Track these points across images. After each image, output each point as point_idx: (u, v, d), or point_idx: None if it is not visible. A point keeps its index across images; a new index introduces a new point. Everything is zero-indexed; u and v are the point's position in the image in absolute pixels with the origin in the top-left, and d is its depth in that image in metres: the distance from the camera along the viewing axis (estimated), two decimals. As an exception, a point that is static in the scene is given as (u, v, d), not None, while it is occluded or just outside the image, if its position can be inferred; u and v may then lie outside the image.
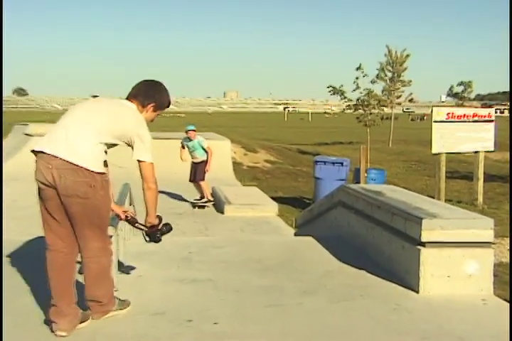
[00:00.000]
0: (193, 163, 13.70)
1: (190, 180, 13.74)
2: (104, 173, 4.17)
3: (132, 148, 4.31)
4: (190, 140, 13.56)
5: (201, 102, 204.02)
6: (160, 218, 4.71)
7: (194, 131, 13.70)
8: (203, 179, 13.51)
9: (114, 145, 4.32)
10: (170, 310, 4.72)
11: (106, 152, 4.24)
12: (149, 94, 4.52)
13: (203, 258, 6.45)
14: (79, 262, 4.39)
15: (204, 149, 13.59)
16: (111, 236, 4.58)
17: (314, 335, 4.34)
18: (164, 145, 16.88)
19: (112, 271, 4.57)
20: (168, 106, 4.73)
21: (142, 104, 4.49)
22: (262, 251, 6.87)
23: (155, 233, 4.69)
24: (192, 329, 4.35)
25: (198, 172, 13.52)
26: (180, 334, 4.27)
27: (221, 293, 5.21)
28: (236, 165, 21.27)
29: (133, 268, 5.79)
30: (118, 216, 4.87)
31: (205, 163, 13.53)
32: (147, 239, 4.74)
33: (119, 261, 5.34)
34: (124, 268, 5.65)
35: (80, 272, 4.41)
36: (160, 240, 4.74)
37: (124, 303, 4.62)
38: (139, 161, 4.33)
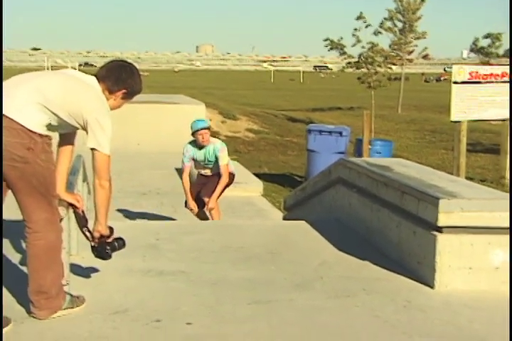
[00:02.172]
0: (201, 175, 9.94)
1: (194, 201, 9.72)
2: (47, 136, 4.18)
3: (87, 132, 4.32)
4: (201, 147, 9.55)
5: (168, 58, 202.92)
6: (112, 229, 4.70)
7: (208, 129, 9.71)
8: (216, 199, 9.41)
9: (62, 124, 4.32)
10: (133, 307, 4.73)
11: (52, 126, 4.25)
12: (121, 79, 4.56)
13: (172, 246, 6.47)
14: None
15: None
16: (61, 220, 4.56)
17: (307, 337, 4.38)
18: (122, 110, 16.85)
19: (61, 254, 4.52)
20: (138, 93, 4.76)
21: (111, 88, 4.53)
22: (243, 238, 6.90)
23: (104, 246, 4.66)
24: (160, 331, 4.38)
25: (208, 187, 9.59)
26: (146, 336, 4.29)
27: (195, 288, 5.24)
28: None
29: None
30: (72, 205, 4.76)
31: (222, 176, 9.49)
32: (94, 252, 4.72)
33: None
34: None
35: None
36: (110, 257, 4.71)
37: (77, 300, 4.62)
38: (93, 150, 4.33)
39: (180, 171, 13.82)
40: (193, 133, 9.51)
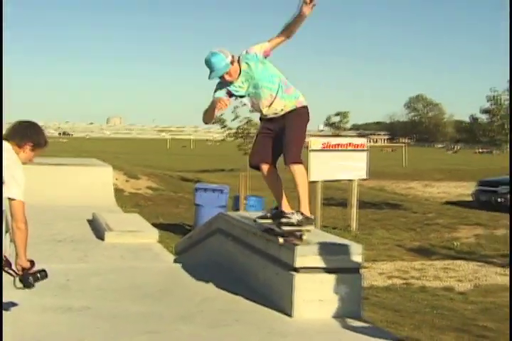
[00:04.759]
0: (265, 119, 5.74)
1: (253, 165, 5.93)
2: None
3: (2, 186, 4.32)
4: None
5: (84, 128, 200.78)
6: (32, 262, 4.60)
7: (231, 64, 5.37)
8: (299, 159, 5.52)
9: None
10: (45, 339, 4.60)
11: None
12: (26, 135, 4.63)
13: (80, 286, 6.33)
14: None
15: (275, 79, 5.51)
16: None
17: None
18: (43, 171, 16.58)
19: None
20: (45, 145, 4.78)
21: (18, 144, 4.57)
22: (141, 278, 6.82)
23: (27, 277, 4.54)
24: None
25: (285, 142, 5.48)
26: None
27: (97, 321, 5.12)
28: (118, 192, 20.97)
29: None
30: None
31: (302, 108, 5.60)
32: (18, 285, 4.58)
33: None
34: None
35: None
36: (33, 286, 4.60)
37: None
38: (9, 199, 4.31)
39: (90, 222, 13.70)
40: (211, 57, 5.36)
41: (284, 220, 5.46)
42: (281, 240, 5.45)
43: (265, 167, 5.80)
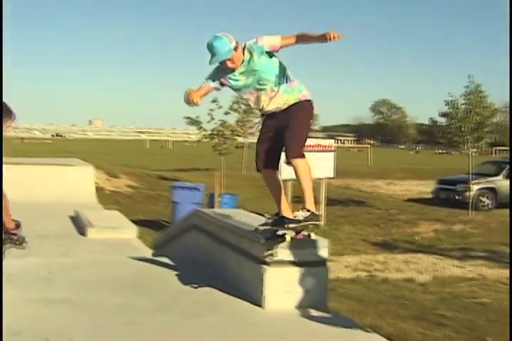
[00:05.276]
0: (266, 115, 5.33)
1: (260, 169, 5.46)
2: None
3: None
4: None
5: (67, 129, 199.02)
6: (18, 225, 4.62)
7: (235, 50, 4.87)
8: (300, 154, 4.98)
9: None
10: (27, 330, 4.55)
11: None
12: None
13: (63, 279, 6.28)
14: None
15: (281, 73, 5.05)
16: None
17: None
18: (30, 171, 16.50)
19: None
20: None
21: None
22: (120, 272, 6.78)
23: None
24: (49, 348, 4.24)
25: (287, 135, 4.98)
26: (37, 353, 4.15)
27: (79, 313, 5.09)
28: (99, 190, 20.83)
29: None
30: None
31: (307, 102, 5.17)
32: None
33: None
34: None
35: None
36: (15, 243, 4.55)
37: None
38: None
39: (72, 218, 13.61)
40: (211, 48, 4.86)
41: (289, 224, 5.03)
42: (288, 238, 5.06)
43: (265, 172, 5.40)
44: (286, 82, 5.05)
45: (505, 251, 14.85)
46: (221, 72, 5.02)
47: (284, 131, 4.98)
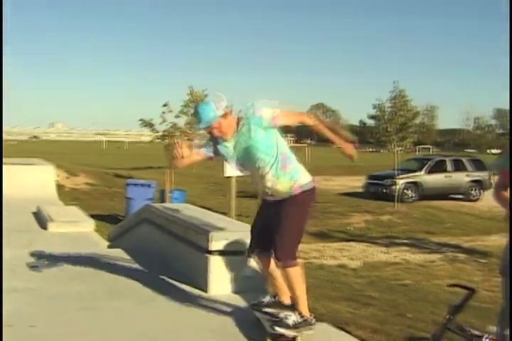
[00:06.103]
0: (265, 201, 4.49)
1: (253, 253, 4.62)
2: None
3: None
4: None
5: (31, 131, 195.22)
6: None
7: (223, 117, 4.14)
8: (292, 257, 4.16)
9: None
10: (-8, 317, 4.53)
11: None
12: None
13: (25, 270, 6.23)
14: None
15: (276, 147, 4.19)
16: None
17: (121, 333, 4.38)
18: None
19: None
20: None
21: None
22: (78, 262, 6.75)
23: None
24: (12, 333, 4.22)
25: (278, 229, 4.17)
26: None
27: (39, 300, 5.09)
28: (59, 187, 20.54)
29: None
30: None
31: (302, 195, 4.25)
32: None
33: None
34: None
35: None
36: None
37: None
38: None
39: (35, 214, 13.41)
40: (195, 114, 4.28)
41: (279, 319, 4.23)
42: None
43: (262, 259, 4.55)
44: (280, 164, 4.20)
45: (427, 238, 15.29)
46: (213, 139, 4.31)
47: (275, 226, 4.20)
